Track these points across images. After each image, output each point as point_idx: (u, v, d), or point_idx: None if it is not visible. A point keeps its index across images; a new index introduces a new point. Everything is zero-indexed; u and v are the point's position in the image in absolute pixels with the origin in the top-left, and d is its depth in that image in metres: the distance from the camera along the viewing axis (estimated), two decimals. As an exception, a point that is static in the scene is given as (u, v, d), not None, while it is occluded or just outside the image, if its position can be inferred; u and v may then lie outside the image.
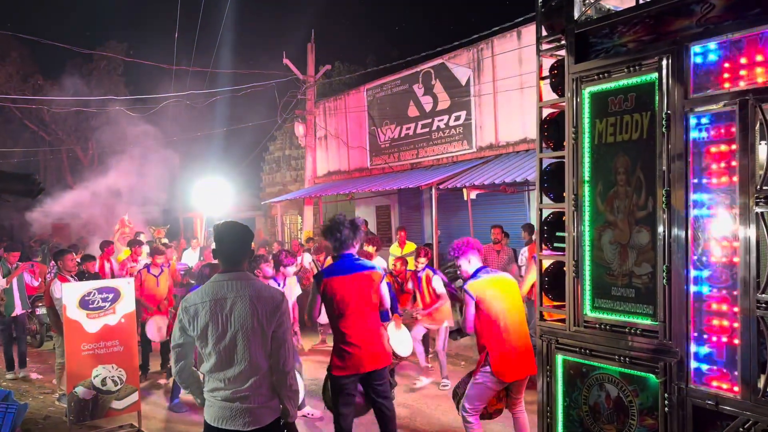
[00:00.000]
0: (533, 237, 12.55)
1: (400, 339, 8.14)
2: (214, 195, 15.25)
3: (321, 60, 19.63)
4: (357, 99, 19.35)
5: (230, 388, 3.85)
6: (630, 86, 3.94)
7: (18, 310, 10.91)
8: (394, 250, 13.34)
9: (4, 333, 11.00)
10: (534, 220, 14.33)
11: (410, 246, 13.30)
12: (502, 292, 5.58)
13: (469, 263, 5.77)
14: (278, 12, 33.51)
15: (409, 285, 9.86)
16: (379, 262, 11.82)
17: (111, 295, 7.73)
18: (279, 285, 8.28)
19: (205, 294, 3.93)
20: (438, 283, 9.25)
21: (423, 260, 9.53)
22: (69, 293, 7.54)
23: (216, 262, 7.45)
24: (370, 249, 11.88)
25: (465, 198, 13.49)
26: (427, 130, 16.86)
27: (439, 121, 16.50)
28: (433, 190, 13.64)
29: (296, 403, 4.06)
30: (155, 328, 9.90)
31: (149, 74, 15.86)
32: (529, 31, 14.03)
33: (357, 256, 5.70)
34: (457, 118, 15.97)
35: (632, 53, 3.91)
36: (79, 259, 10.25)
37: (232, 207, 15.45)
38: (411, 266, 10.05)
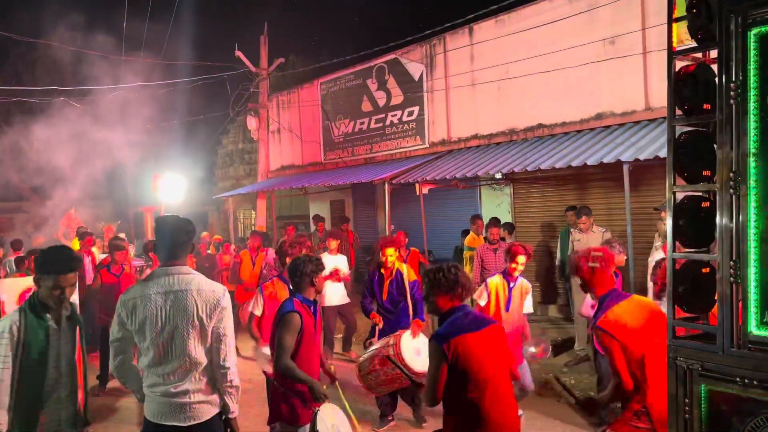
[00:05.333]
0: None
1: (415, 348, 6.24)
2: (165, 189, 13.45)
3: (274, 53, 17.96)
4: (311, 93, 17.74)
5: (169, 384, 3.56)
6: (830, 22, 2.59)
7: None
8: (472, 241, 11.34)
9: None
10: (487, 217, 13.33)
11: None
12: (645, 317, 3.87)
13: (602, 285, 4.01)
14: (231, 3, 31.21)
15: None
16: (340, 262, 10.21)
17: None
18: None
19: (144, 288, 3.62)
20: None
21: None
22: (8, 289, 6.75)
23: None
24: (333, 245, 10.24)
25: (417, 193, 12.24)
26: (381, 125, 15.47)
27: (392, 116, 15.14)
28: (386, 185, 12.28)
29: (237, 398, 3.74)
30: None
31: (97, 65, 13.88)
32: (480, 28, 12.91)
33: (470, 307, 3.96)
34: (410, 114, 14.67)
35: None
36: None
37: (184, 201, 13.66)
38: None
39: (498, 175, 12.15)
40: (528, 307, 6.76)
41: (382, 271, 7.00)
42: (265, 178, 18.38)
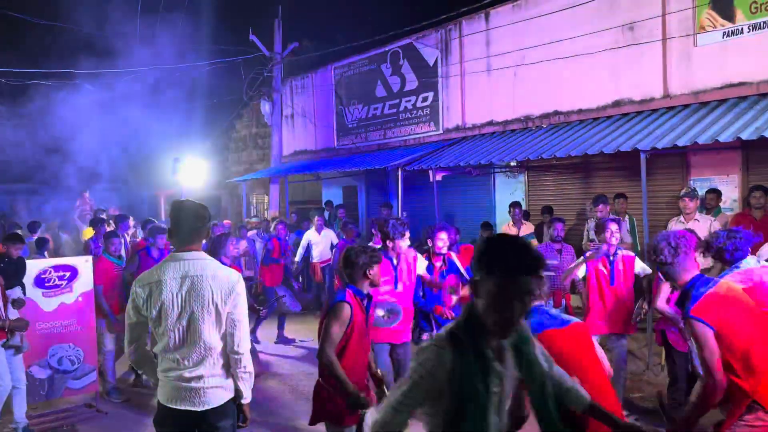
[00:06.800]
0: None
1: None
2: (180, 173, 13.29)
3: (288, 37, 17.61)
4: (324, 77, 17.39)
5: (184, 369, 3.51)
6: None
7: None
8: (508, 229, 10.95)
9: None
10: (501, 204, 13.09)
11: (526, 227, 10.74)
12: (743, 305, 3.48)
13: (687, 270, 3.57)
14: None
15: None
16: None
17: (68, 274, 6.95)
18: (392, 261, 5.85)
19: (160, 273, 3.55)
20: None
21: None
22: (26, 272, 6.71)
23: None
24: None
25: (431, 179, 12.01)
26: (395, 110, 15.13)
27: (406, 101, 14.80)
28: (400, 171, 12.05)
29: (250, 384, 3.69)
30: None
31: (111, 47, 13.75)
32: (497, 13, 12.58)
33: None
34: (425, 99, 14.34)
35: None
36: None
37: (197, 185, 13.48)
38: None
39: (513, 163, 11.90)
40: (644, 269, 6.35)
41: (433, 259, 6.34)
42: (279, 163, 18.12)
